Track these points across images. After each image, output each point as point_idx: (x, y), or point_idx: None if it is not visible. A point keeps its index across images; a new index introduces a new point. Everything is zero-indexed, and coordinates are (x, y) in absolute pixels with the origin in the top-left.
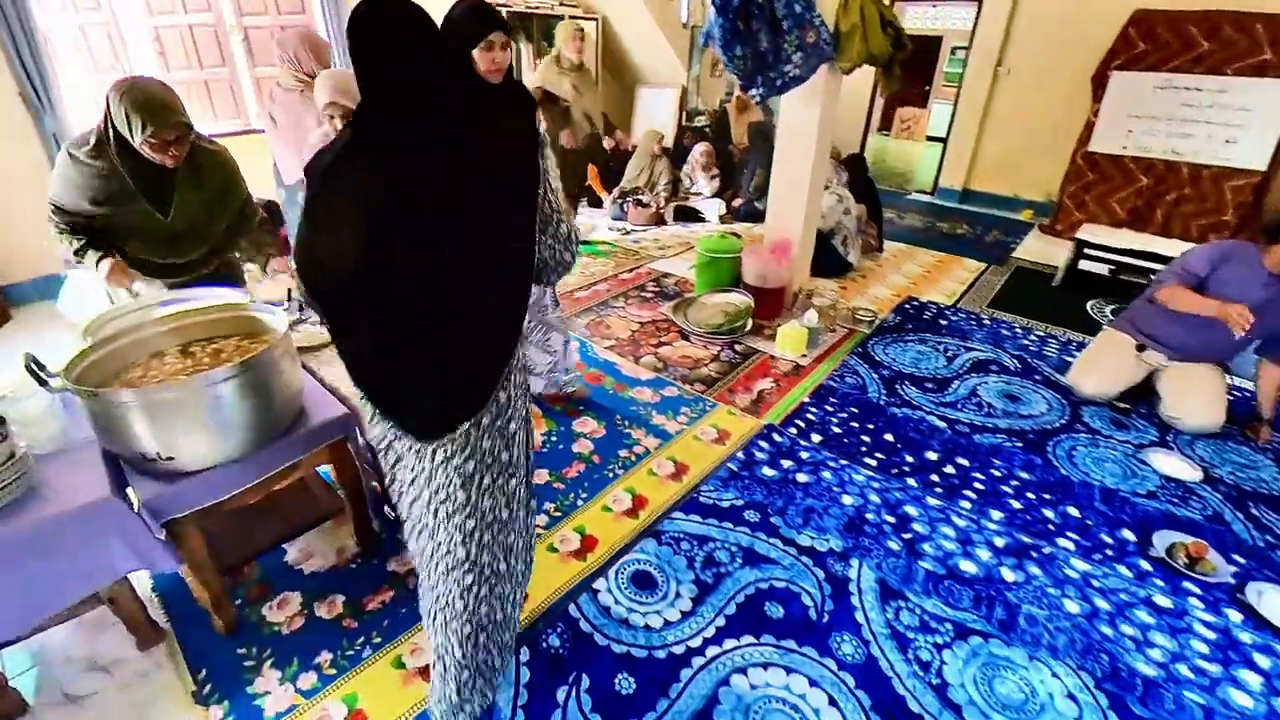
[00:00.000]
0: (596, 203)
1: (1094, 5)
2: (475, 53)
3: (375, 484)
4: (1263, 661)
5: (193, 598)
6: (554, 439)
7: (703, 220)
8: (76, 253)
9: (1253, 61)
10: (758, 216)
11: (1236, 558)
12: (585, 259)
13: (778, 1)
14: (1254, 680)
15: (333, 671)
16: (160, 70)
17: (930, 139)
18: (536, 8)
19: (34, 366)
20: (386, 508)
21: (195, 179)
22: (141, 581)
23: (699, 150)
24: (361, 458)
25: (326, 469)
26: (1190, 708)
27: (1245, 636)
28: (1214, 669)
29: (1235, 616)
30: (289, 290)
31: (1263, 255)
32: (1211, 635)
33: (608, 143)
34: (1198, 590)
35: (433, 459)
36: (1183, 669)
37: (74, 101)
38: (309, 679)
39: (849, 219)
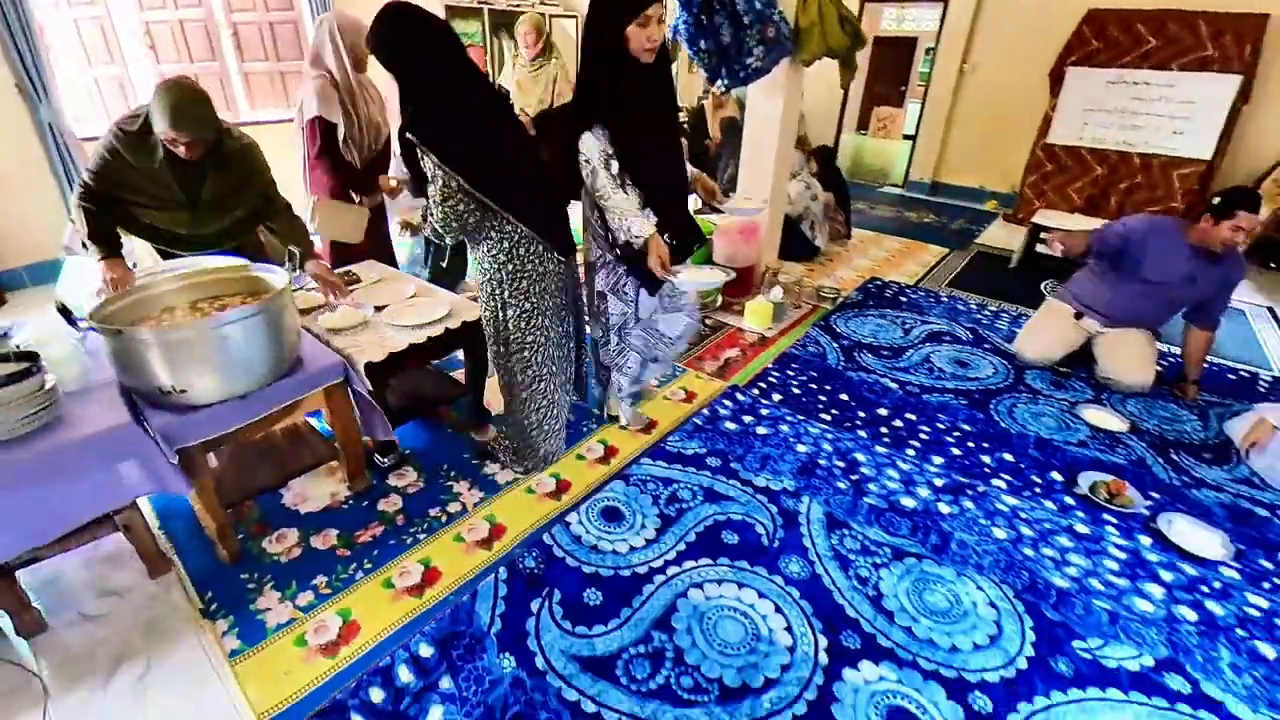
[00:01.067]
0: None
1: (1051, 5)
2: (630, 29)
3: (367, 439)
4: (1166, 576)
5: (196, 533)
6: None
7: None
8: (89, 238)
9: (1196, 57)
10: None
11: (1153, 494)
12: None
13: None
14: (1157, 591)
15: (328, 591)
16: (151, 64)
17: (907, 137)
18: (518, 5)
19: (63, 309)
20: (377, 456)
21: (221, 169)
22: (150, 518)
23: None
24: (357, 411)
25: (326, 428)
26: (1097, 612)
27: (1152, 557)
28: (1122, 582)
29: (1146, 541)
30: (289, 251)
31: (1185, 231)
32: (1122, 556)
33: None
34: (1114, 520)
35: (563, 264)
36: (1094, 582)
37: (69, 94)
38: (306, 597)
39: (816, 205)
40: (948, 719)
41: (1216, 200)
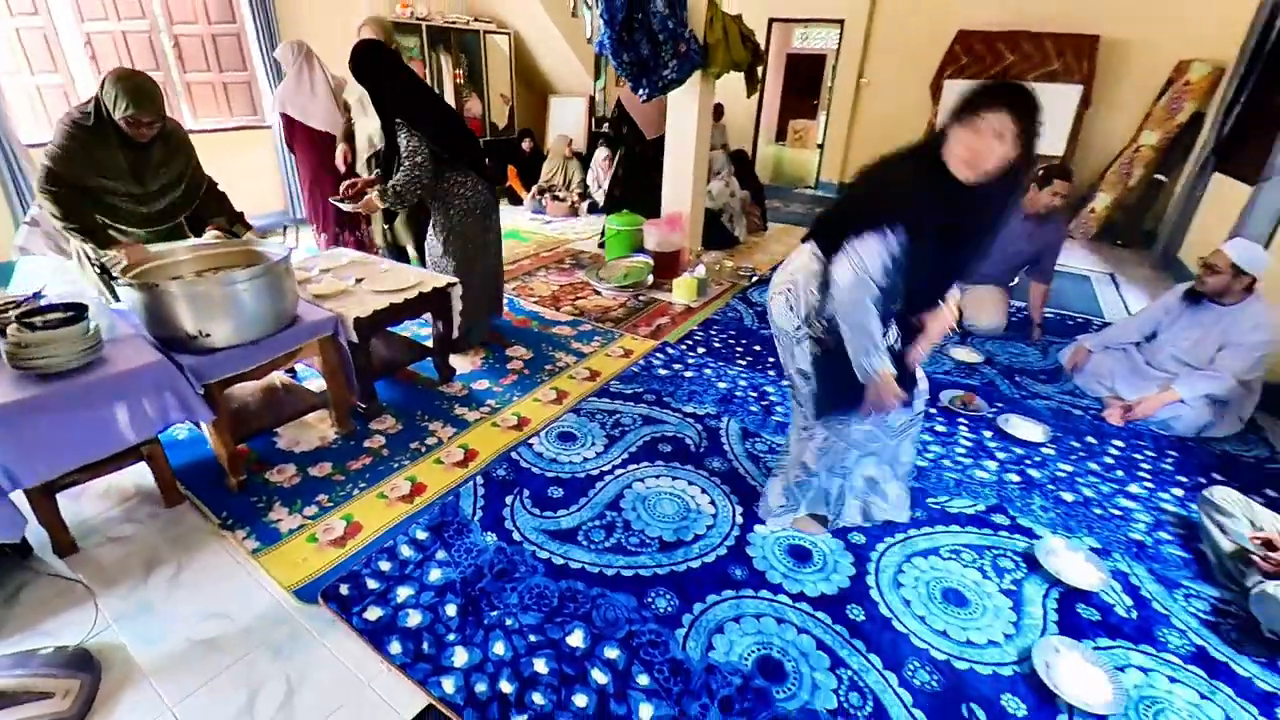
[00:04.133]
0: (516, 201)
1: (928, 26)
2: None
3: (356, 401)
4: (1000, 454)
5: (202, 475)
6: (491, 360)
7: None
8: (73, 230)
9: (1046, 70)
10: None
11: (999, 404)
12: (509, 243)
13: (654, 18)
14: (992, 465)
15: (330, 504)
16: (93, 74)
17: (820, 147)
18: (454, 22)
19: (103, 267)
20: (358, 404)
21: (165, 147)
22: None
23: (599, 156)
24: (346, 360)
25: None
26: (947, 480)
27: (992, 444)
28: (967, 460)
29: (988, 434)
30: (284, 228)
31: (1019, 202)
32: (969, 444)
33: (527, 145)
34: (966, 421)
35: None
36: (946, 461)
37: (12, 102)
38: (311, 510)
39: (734, 201)
40: (832, 549)
41: (1039, 173)
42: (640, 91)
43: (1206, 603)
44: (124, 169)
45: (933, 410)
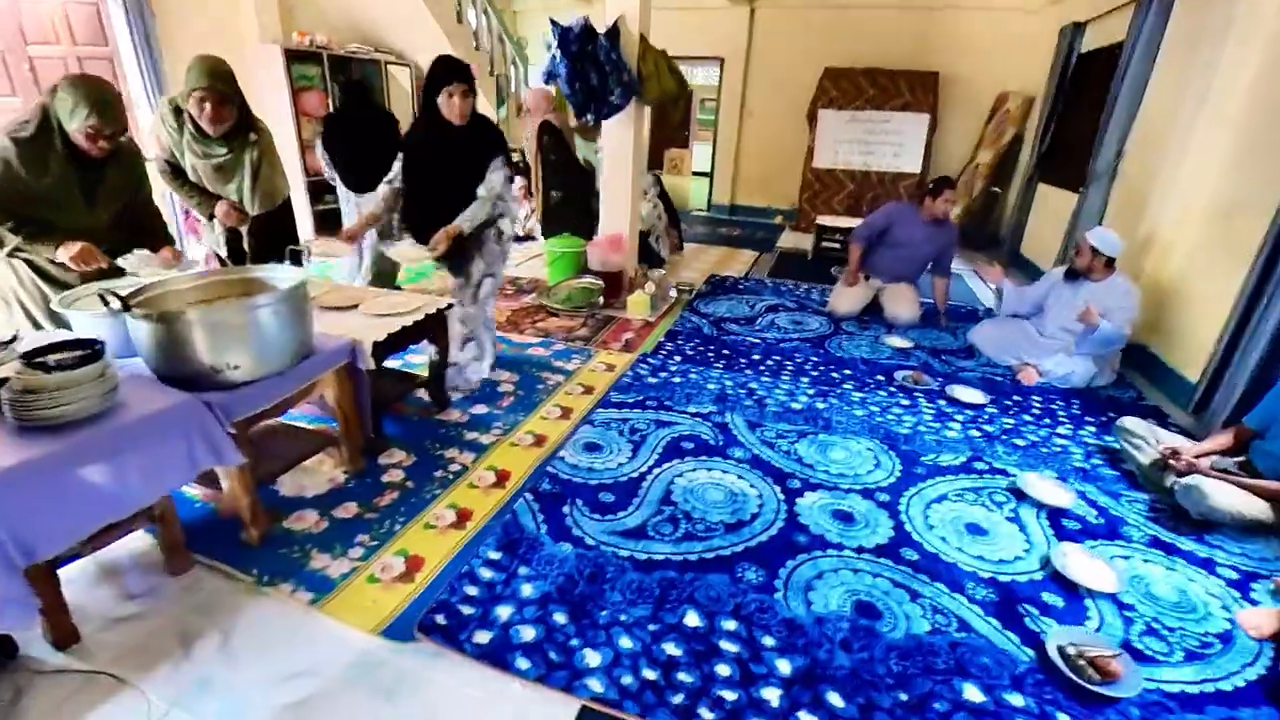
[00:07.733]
0: None
1: (799, 64)
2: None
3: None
4: (958, 417)
5: (204, 530)
6: (482, 389)
7: (534, 239)
8: (27, 239)
9: (901, 101)
10: (580, 231)
11: (940, 378)
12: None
13: (600, 51)
14: (956, 425)
15: (375, 543)
16: None
17: (696, 174)
18: (355, 53)
19: (108, 297)
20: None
21: (118, 163)
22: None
23: (516, 186)
24: (364, 390)
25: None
26: (928, 441)
27: (948, 409)
28: (936, 424)
29: (943, 402)
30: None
31: (919, 210)
32: (932, 412)
33: None
34: (922, 394)
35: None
36: (921, 428)
37: None
38: (357, 552)
39: (660, 222)
40: (864, 508)
41: (931, 185)
42: (586, 117)
43: (1144, 504)
44: (70, 180)
45: (893, 389)
